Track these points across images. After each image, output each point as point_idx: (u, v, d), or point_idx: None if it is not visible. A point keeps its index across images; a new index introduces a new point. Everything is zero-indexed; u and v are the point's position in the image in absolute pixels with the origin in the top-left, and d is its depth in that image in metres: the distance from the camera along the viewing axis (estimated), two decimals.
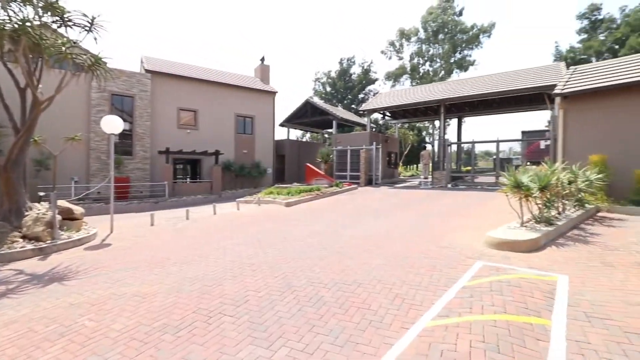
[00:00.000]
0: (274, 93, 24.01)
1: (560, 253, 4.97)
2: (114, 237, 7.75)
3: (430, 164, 21.44)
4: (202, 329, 3.18)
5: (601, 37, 31.32)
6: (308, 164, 19.36)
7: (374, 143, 19.21)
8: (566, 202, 7.50)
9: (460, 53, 41.10)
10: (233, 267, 5.03)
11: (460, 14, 40.46)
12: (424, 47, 42.52)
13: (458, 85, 20.10)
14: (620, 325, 2.85)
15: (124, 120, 9.24)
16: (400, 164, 32.13)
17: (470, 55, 41.10)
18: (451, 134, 36.69)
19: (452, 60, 41.29)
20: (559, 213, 6.96)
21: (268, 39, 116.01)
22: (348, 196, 14.32)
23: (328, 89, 49.00)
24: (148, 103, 18.04)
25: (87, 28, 7.42)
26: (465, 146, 26.79)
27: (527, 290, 3.58)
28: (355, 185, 17.68)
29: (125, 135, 17.11)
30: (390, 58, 45.51)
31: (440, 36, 40.57)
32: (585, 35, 32.73)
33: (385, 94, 25.36)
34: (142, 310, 3.64)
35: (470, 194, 13.21)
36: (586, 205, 7.82)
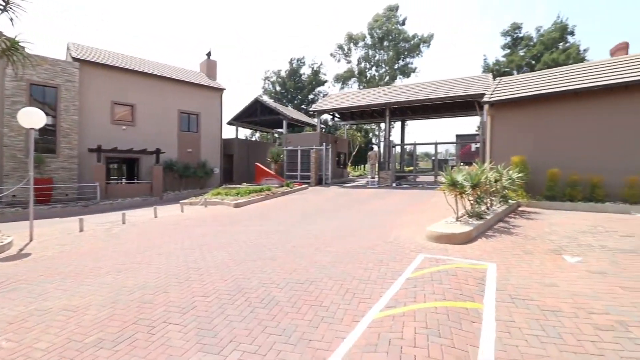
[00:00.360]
0: (221, 90, 23.12)
1: (489, 244, 5.55)
2: (35, 246, 6.81)
3: (377, 164, 22.47)
4: (145, 340, 2.96)
5: (521, 52, 35.62)
6: (258, 164, 19.01)
7: (324, 143, 19.53)
8: (493, 198, 8.40)
9: (403, 60, 43.62)
10: (178, 273, 4.75)
11: (404, 23, 42.95)
12: (370, 52, 44.31)
13: (401, 90, 21.33)
14: (539, 304, 3.28)
15: (46, 114, 8.13)
16: (349, 164, 33.12)
17: (412, 63, 43.86)
18: (396, 136, 38.86)
19: (396, 67, 43.65)
20: (488, 208, 7.77)
21: (216, 36, 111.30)
22: (299, 196, 14.36)
23: (278, 88, 48.61)
24: (75, 95, 16.13)
25: (1, 7, 6.41)
26: (408, 147, 28.53)
27: (463, 278, 3.94)
28: (306, 185, 17.80)
29: (47, 131, 15.09)
30: (339, 61, 46.65)
31: (385, 43, 42.64)
32: (508, 51, 36.94)
33: (335, 95, 25.95)
34: (72, 325, 3.27)
35: (412, 193, 14.11)
36: (509, 201, 8.84)
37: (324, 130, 33.78)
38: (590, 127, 9.51)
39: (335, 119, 26.18)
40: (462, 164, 19.73)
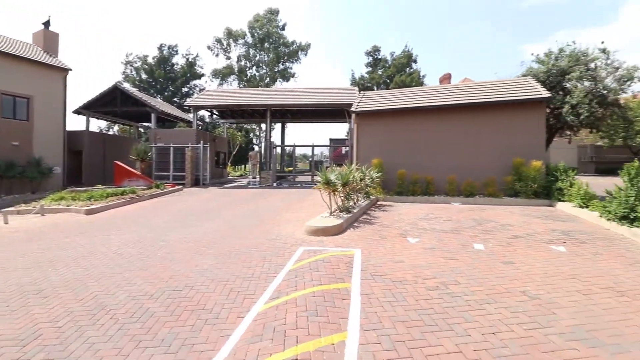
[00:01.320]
0: (64, 70, 18.70)
1: (356, 233, 6.47)
2: None
3: (258, 165, 22.59)
4: None
5: (380, 71, 42.02)
6: (118, 163, 16.30)
7: (202, 141, 18.37)
8: (359, 194, 9.75)
9: (283, 64, 45.06)
10: (9, 299, 3.74)
11: (283, 28, 44.38)
12: (251, 51, 43.99)
13: (282, 93, 22.10)
14: (391, 277, 4.09)
15: None
16: (229, 164, 32.06)
17: (291, 68, 45.78)
18: (276, 137, 39.78)
19: (276, 70, 44.72)
20: (355, 203, 8.98)
21: (65, 4, 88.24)
22: (173, 198, 13.10)
23: (144, 76, 42.62)
24: None
25: None
26: (288, 149, 29.73)
27: (335, 264, 4.52)
28: (181, 187, 16.35)
29: None
30: (217, 55, 44.43)
31: (266, 45, 43.14)
32: (370, 69, 42.99)
33: (214, 91, 24.67)
34: None
35: (292, 192, 14.86)
36: (371, 196, 10.43)
37: (201, 127, 31.60)
38: (427, 137, 12.17)
39: (214, 116, 24.94)
40: (334, 165, 21.96)
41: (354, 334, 2.78)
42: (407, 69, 40.25)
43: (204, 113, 28.28)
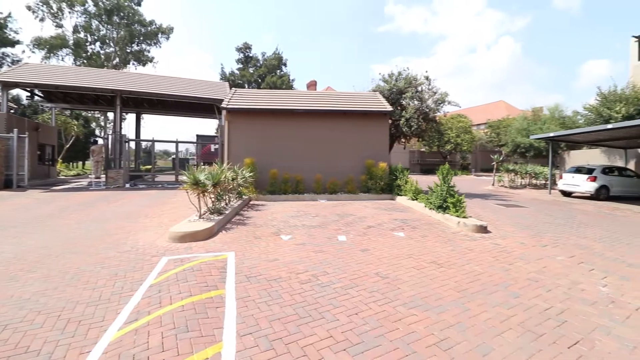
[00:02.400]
0: None
1: (229, 235, 6.22)
2: None
3: (103, 162, 18.69)
4: None
5: (251, 70, 41.63)
6: None
7: (17, 130, 13.90)
8: (231, 195, 9.41)
9: (138, 45, 38.92)
10: None
11: (139, 4, 38.25)
12: (94, 23, 36.08)
13: (137, 78, 19.03)
14: (266, 276, 4.11)
15: None
16: (60, 160, 25.50)
17: (149, 51, 40.04)
18: (129, 130, 34.03)
19: (129, 50, 38.21)
20: (227, 204, 8.62)
21: None
22: None
23: None
24: None
25: None
26: (145, 144, 25.87)
27: (207, 271, 4.22)
28: None
29: None
30: (42, 20, 34.49)
31: (116, 19, 36.24)
32: (241, 65, 42.05)
33: (37, 66, 18.96)
34: None
35: (151, 193, 13.04)
36: (243, 196, 10.24)
37: (14, 111, 23.74)
38: (297, 138, 12.81)
39: (37, 98, 19.30)
40: (203, 163, 20.45)
41: (230, 343, 2.66)
42: (278, 70, 41.36)
43: (20, 93, 21.45)
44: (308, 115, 12.91)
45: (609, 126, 12.60)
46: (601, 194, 14.01)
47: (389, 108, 13.24)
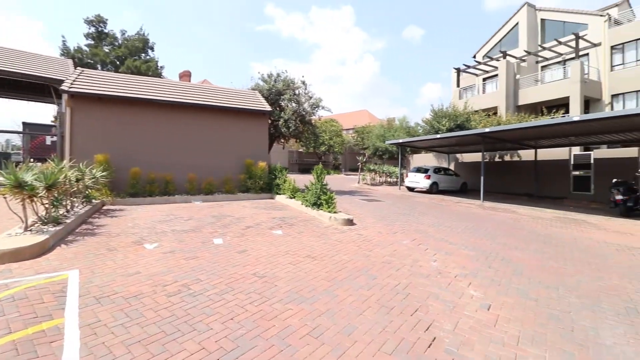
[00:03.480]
0: None
1: (71, 250, 5.04)
2: None
3: None
4: None
5: (106, 49, 34.77)
6: None
7: None
8: (75, 199, 7.67)
9: None
10: None
11: None
12: None
13: None
14: (124, 294, 3.50)
15: None
16: None
17: None
18: None
19: None
20: (68, 211, 6.98)
21: None
22: None
23: None
24: None
25: None
26: None
27: (36, 298, 3.30)
28: None
29: None
30: None
31: None
32: (92, 42, 34.62)
33: None
34: None
35: None
36: (93, 200, 8.50)
37: None
38: (167, 133, 11.44)
39: None
40: (33, 160, 15.90)
41: None
42: (143, 54, 36.02)
43: None
44: (181, 108, 11.74)
45: (438, 136, 16.20)
46: (433, 189, 17.84)
47: (269, 108, 13.37)
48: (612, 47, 20.89)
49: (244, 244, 5.73)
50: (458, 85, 29.08)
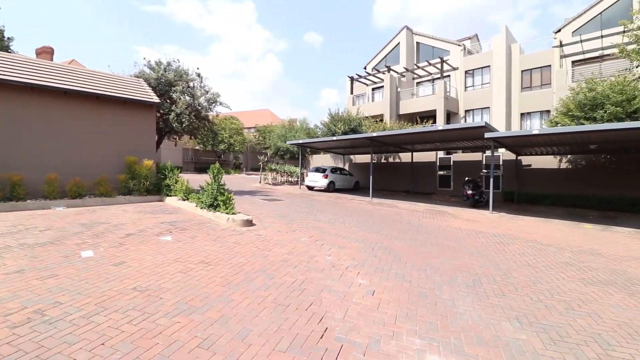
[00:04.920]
0: None
1: None
2: None
3: None
4: None
5: None
6: None
7: None
8: None
9: None
10: None
11: None
12: None
13: None
14: None
15: None
16: None
17: None
18: None
19: None
20: None
21: None
22: None
23: None
24: None
25: None
26: None
27: None
28: None
29: None
30: None
31: None
32: None
33: None
34: None
35: None
36: None
37: None
38: (15, 123, 9.01)
39: None
40: None
41: None
42: None
43: None
44: (39, 92, 9.42)
45: (334, 138, 17.32)
46: (330, 188, 19.00)
47: (156, 99, 11.94)
48: (466, 72, 26.12)
49: (122, 254, 4.97)
50: (352, 93, 31.70)
